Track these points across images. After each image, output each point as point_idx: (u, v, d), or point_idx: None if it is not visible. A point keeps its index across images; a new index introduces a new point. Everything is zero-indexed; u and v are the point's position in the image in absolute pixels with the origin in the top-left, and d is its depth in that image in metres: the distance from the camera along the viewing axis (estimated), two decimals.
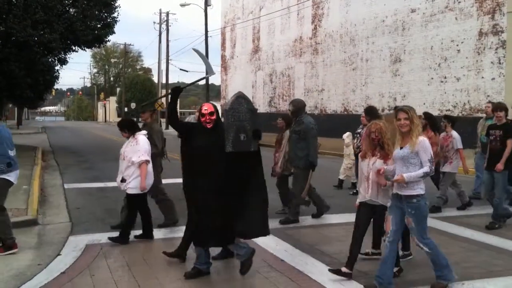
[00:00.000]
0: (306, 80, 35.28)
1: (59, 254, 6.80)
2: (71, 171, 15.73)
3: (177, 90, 5.99)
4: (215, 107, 5.82)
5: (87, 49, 26.43)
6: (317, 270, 6.06)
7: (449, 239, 7.53)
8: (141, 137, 7.45)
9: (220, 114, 5.95)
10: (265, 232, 5.88)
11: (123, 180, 7.41)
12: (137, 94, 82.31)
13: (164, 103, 53.53)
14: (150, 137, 7.80)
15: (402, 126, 5.21)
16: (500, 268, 6.16)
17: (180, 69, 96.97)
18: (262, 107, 40.84)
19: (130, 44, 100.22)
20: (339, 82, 31.63)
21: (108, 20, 24.83)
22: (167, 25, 55.53)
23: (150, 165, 7.45)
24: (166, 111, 15.10)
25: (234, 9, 46.14)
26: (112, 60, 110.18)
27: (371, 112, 8.64)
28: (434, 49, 24.53)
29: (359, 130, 10.78)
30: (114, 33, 25.61)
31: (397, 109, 5.39)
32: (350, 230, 8.06)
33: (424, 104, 25.04)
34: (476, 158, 10.96)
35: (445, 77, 23.92)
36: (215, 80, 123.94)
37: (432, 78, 24.65)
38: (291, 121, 9.15)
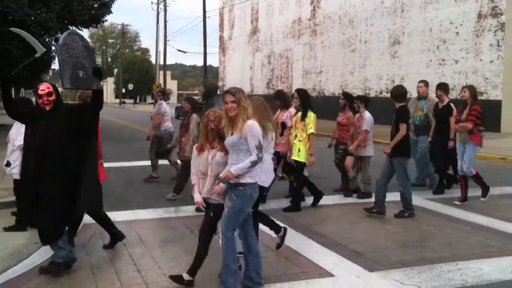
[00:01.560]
0: (304, 62, 35.14)
1: None
2: None
3: (6, 79, 5.42)
4: (54, 86, 5.21)
5: (84, 29, 26.27)
6: (312, 250, 6.09)
7: (443, 220, 7.58)
8: None
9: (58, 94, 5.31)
10: (94, 206, 5.60)
11: (7, 164, 7.10)
12: (135, 75, 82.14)
13: (162, 84, 53.33)
14: None
15: (229, 110, 4.64)
16: (494, 249, 6.20)
17: (178, 50, 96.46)
18: (260, 89, 40.76)
19: (127, 25, 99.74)
20: (337, 64, 31.51)
21: None
22: (165, 5, 55.04)
23: None
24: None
25: None
26: (110, 41, 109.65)
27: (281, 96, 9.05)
28: (433, 31, 24.41)
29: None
30: (111, 13, 25.45)
31: (224, 92, 4.87)
32: (345, 211, 8.16)
33: None
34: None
35: (444, 60, 23.84)
36: (213, 61, 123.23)
37: (430, 61, 24.57)
38: (196, 104, 8.98)
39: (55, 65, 34.79)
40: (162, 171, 11.22)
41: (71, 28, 24.41)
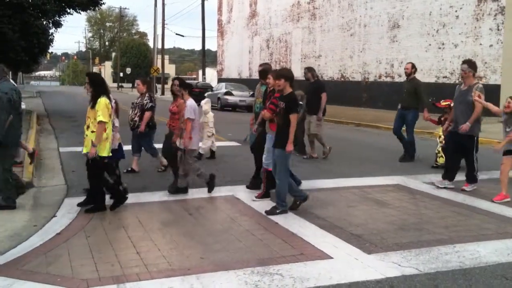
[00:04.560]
0: (303, 46, 34.99)
1: (54, 216, 6.84)
2: (66, 135, 15.69)
3: None
4: None
5: (81, 12, 26.05)
6: (311, 232, 6.12)
7: (441, 204, 7.61)
8: None
9: None
10: None
11: None
12: (133, 59, 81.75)
13: (160, 68, 53.14)
14: None
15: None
16: (491, 232, 6.23)
17: (176, 34, 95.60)
18: None
19: (125, 8, 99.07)
20: (336, 48, 31.39)
21: None
22: None
23: None
24: None
25: None
26: (107, 24, 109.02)
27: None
28: (432, 15, 24.29)
29: (136, 101, 9.81)
30: None
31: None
32: (343, 194, 8.19)
33: (422, 70, 24.91)
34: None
35: (443, 44, 23.76)
36: (211, 45, 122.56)
37: (430, 45, 24.49)
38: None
39: (53, 48, 34.63)
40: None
41: (69, 10, 24.26)
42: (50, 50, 32.78)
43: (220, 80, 43.13)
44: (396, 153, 11.65)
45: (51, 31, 25.58)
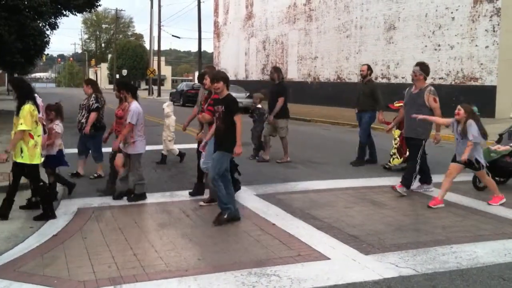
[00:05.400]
0: (299, 47, 35.00)
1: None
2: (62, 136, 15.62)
3: None
4: None
5: (78, 14, 26.03)
6: (307, 233, 6.12)
7: None
8: None
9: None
10: None
11: None
12: (129, 61, 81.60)
13: (156, 70, 53.14)
14: None
15: None
16: (488, 232, 6.24)
17: (172, 35, 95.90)
18: (254, 74, 40.62)
19: (121, 10, 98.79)
20: (332, 49, 31.41)
21: None
22: None
23: None
24: None
25: None
26: (103, 26, 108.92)
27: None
28: (428, 16, 24.33)
29: (83, 102, 9.69)
30: None
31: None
32: (340, 195, 8.19)
33: None
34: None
35: (439, 45, 23.81)
36: (207, 47, 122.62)
37: (426, 46, 24.53)
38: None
39: (49, 50, 34.58)
40: (160, 156, 11.23)
41: (65, 12, 24.23)
42: (46, 52, 32.64)
43: None
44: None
45: (47, 33, 25.57)
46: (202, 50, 42.56)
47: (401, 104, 9.64)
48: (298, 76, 34.98)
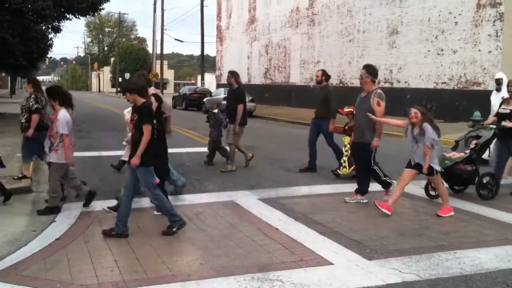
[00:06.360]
0: (302, 51, 35.03)
1: (53, 221, 6.82)
2: None
3: None
4: None
5: (81, 17, 26.11)
6: (310, 238, 6.11)
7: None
8: None
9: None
10: None
11: None
12: (132, 64, 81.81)
13: (159, 73, 53.22)
14: None
15: None
16: (491, 238, 6.22)
17: (175, 39, 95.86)
18: (257, 78, 40.65)
19: (124, 13, 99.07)
20: (335, 54, 31.43)
21: None
22: None
23: None
24: None
25: None
26: (106, 30, 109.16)
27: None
28: (431, 21, 24.34)
29: (24, 103, 9.27)
30: (109, 0, 25.30)
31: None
32: (341, 199, 8.16)
33: (420, 76, 24.97)
34: None
35: (442, 50, 23.80)
36: (210, 51, 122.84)
37: (428, 51, 24.53)
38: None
39: (52, 53, 34.66)
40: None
41: (68, 16, 24.31)
42: (49, 55, 32.76)
43: (218, 85, 43.13)
44: (395, 159, 11.63)
45: (50, 36, 25.66)
46: (204, 54, 42.64)
47: (351, 109, 9.53)
48: (300, 80, 34.99)
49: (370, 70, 8.09)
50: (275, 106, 35.56)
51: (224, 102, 11.98)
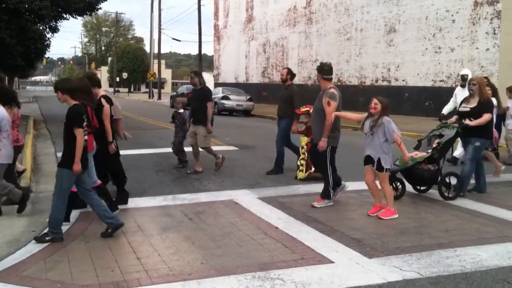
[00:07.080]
0: (300, 50, 35.05)
1: None
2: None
3: None
4: None
5: (78, 17, 26.08)
6: (311, 236, 6.11)
7: (441, 207, 7.61)
8: None
9: None
10: None
11: None
12: (129, 64, 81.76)
13: (156, 73, 53.19)
14: None
15: None
16: (491, 235, 6.23)
17: (173, 39, 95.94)
18: (255, 77, 40.65)
19: (121, 13, 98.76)
20: (333, 52, 31.44)
21: None
22: None
23: None
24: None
25: None
26: (103, 29, 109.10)
27: None
28: (429, 19, 24.37)
29: None
30: (106, 0, 25.27)
31: None
32: (342, 198, 8.16)
33: (418, 74, 25.00)
34: None
35: (440, 48, 23.83)
36: (208, 50, 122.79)
37: (426, 49, 24.56)
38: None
39: (49, 53, 34.63)
40: (161, 159, 11.21)
41: (65, 15, 24.29)
42: (46, 55, 32.74)
43: (216, 84, 43.12)
44: (395, 157, 11.64)
45: (47, 36, 25.61)
46: (202, 53, 42.56)
47: (308, 108, 9.39)
48: (298, 79, 34.95)
49: (318, 68, 7.83)
50: (273, 105, 35.54)
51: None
